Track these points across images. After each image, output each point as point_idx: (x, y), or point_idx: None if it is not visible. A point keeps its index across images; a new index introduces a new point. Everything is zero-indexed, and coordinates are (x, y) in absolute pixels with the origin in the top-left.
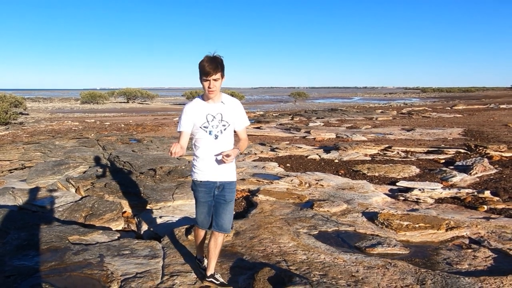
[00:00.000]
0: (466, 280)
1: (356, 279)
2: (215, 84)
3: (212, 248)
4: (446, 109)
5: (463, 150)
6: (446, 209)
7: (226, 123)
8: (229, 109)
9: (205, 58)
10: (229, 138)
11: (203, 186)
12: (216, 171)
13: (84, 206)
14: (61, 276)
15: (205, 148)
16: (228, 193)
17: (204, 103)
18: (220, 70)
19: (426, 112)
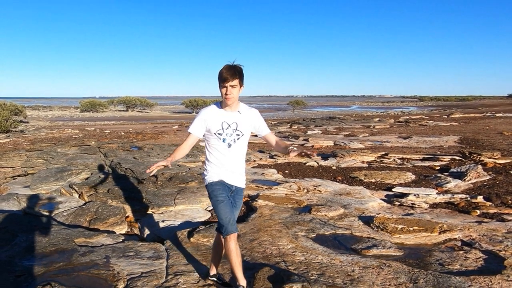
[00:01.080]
0: (457, 279)
1: (351, 278)
2: (232, 91)
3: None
4: (443, 117)
5: (458, 157)
6: (440, 214)
7: (240, 133)
8: (245, 119)
9: (224, 66)
10: (242, 148)
11: (219, 184)
12: (231, 177)
13: (88, 210)
14: (69, 275)
15: (217, 155)
16: (238, 199)
17: (221, 110)
18: (238, 77)
19: (423, 121)
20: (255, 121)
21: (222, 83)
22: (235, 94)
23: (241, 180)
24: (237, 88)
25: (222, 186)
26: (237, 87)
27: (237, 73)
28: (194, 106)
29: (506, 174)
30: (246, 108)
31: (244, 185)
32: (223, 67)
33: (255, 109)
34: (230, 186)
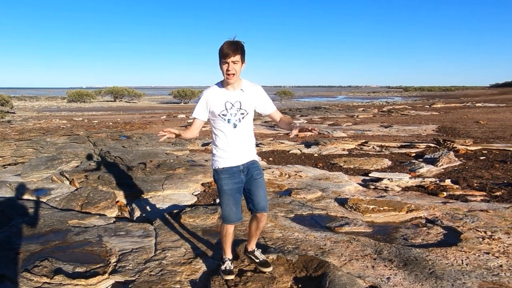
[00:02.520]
0: (417, 251)
1: (323, 250)
2: (234, 67)
3: (254, 229)
4: (425, 107)
5: (433, 145)
6: (410, 196)
7: (244, 111)
8: (248, 96)
9: (225, 42)
10: (248, 127)
11: (225, 173)
12: (237, 156)
13: (80, 195)
14: (65, 252)
15: (224, 137)
16: (255, 170)
17: (223, 90)
18: (239, 52)
19: (405, 110)
20: (259, 98)
21: (223, 59)
22: (237, 70)
23: (251, 155)
24: (238, 64)
25: (228, 174)
26: (239, 63)
27: (239, 48)
28: (182, 96)
29: (475, 159)
30: (249, 84)
31: (255, 157)
32: (223, 43)
33: (258, 86)
34: (238, 167)
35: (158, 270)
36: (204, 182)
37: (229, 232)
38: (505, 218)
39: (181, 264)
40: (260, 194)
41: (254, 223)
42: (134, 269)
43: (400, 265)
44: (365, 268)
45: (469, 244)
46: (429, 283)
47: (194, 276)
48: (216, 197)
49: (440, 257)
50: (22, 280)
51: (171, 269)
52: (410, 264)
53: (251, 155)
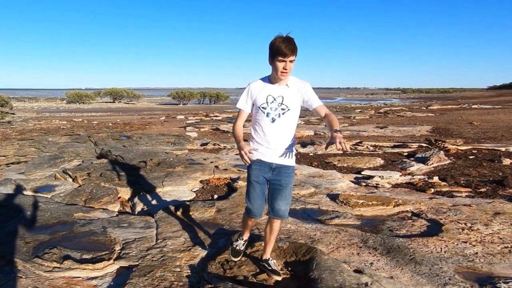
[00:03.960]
0: (400, 240)
1: (313, 239)
2: (291, 66)
3: (268, 233)
4: (422, 109)
5: (425, 144)
6: (399, 192)
7: (286, 107)
8: (292, 92)
9: (279, 39)
10: (288, 124)
11: (257, 164)
12: (272, 154)
13: (83, 191)
14: (72, 241)
15: (261, 130)
16: (284, 177)
17: (268, 83)
18: (296, 52)
19: (401, 112)
20: (304, 94)
21: (281, 57)
22: (291, 69)
23: (286, 158)
24: (293, 63)
25: (258, 166)
26: (293, 62)
27: (295, 48)
28: (181, 97)
29: (465, 159)
30: (296, 80)
31: (292, 163)
32: (277, 39)
33: (306, 82)
34: (269, 164)
35: (160, 256)
36: (203, 179)
37: (249, 224)
38: (486, 212)
39: (181, 251)
40: (281, 204)
41: (268, 226)
42: (137, 256)
43: (383, 252)
44: (350, 255)
45: (449, 235)
46: (409, 267)
47: (193, 261)
48: (214, 193)
49: (421, 245)
50: (34, 265)
51: (171, 255)
52: (393, 252)
53: (287, 158)
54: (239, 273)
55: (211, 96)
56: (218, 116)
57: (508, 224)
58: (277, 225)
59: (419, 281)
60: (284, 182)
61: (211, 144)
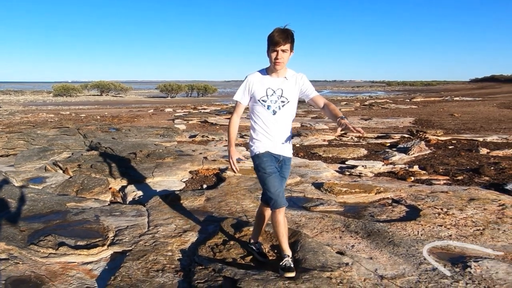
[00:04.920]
0: (380, 224)
1: (298, 224)
2: (283, 56)
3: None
4: (405, 101)
5: (407, 135)
6: (381, 180)
7: (285, 99)
8: (291, 84)
9: (275, 29)
10: (289, 116)
11: (267, 156)
12: (277, 146)
13: (75, 182)
14: (66, 229)
15: (263, 123)
16: (286, 169)
17: (266, 76)
18: (289, 41)
19: (386, 104)
20: (302, 85)
21: (272, 47)
22: (285, 59)
23: (288, 149)
24: (287, 53)
25: (269, 158)
26: (287, 52)
27: (289, 37)
28: (168, 90)
29: (444, 149)
30: (293, 73)
31: (291, 155)
32: (274, 30)
33: (302, 74)
34: (277, 156)
35: (152, 242)
36: (192, 170)
37: (280, 221)
38: (462, 198)
39: (172, 237)
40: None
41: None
42: (130, 241)
43: (364, 236)
44: (333, 238)
45: (426, 219)
46: (387, 249)
47: (184, 246)
48: (203, 183)
49: (400, 229)
50: (30, 251)
51: (163, 241)
52: (373, 235)
53: (289, 149)
54: (228, 255)
55: (199, 89)
56: (206, 108)
57: (481, 209)
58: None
59: (396, 261)
60: (286, 174)
61: (200, 136)
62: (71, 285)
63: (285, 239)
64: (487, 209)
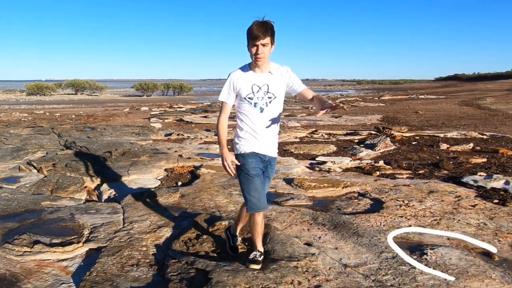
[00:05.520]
0: (346, 217)
1: (269, 218)
2: (264, 50)
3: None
4: (374, 99)
5: (374, 132)
6: (349, 175)
7: (272, 95)
8: (276, 79)
9: (254, 22)
10: (275, 112)
11: (252, 157)
12: (263, 145)
13: (49, 181)
14: (41, 228)
15: (250, 121)
16: (271, 170)
17: (250, 72)
18: (269, 34)
19: (356, 102)
20: (288, 79)
21: (252, 42)
22: (266, 53)
23: (274, 149)
24: (268, 47)
25: (255, 159)
26: (268, 45)
27: (269, 30)
28: (144, 89)
29: (408, 144)
30: (277, 67)
31: (276, 155)
32: (252, 23)
33: (286, 67)
34: (263, 156)
35: (127, 238)
36: (167, 167)
37: (257, 222)
38: (422, 191)
39: (147, 232)
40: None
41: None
42: (105, 238)
43: (331, 228)
44: (302, 231)
45: (388, 211)
46: (352, 239)
47: (158, 241)
48: (178, 180)
49: (364, 221)
50: (4, 250)
51: (138, 236)
52: (339, 227)
53: (274, 149)
54: (201, 249)
55: (174, 88)
56: (182, 107)
57: (439, 200)
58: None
59: (359, 250)
60: (271, 174)
61: (175, 134)
62: (46, 281)
63: (260, 237)
64: (444, 201)
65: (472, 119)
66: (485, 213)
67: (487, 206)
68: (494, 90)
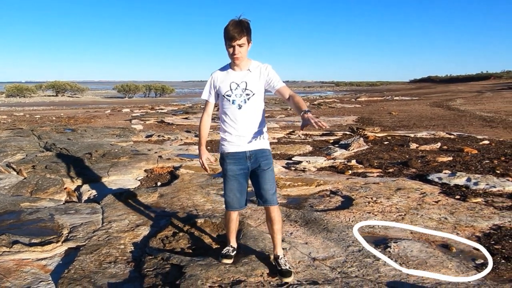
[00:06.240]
0: (317, 213)
1: (244, 216)
2: (240, 50)
3: (269, 226)
4: (351, 100)
5: (348, 132)
6: (323, 174)
7: (250, 92)
8: (255, 77)
9: (230, 22)
10: (255, 108)
11: (231, 158)
12: (244, 141)
13: (29, 183)
14: (20, 228)
15: (229, 119)
16: (263, 160)
17: (229, 71)
18: (245, 34)
19: (333, 103)
20: (266, 76)
21: (228, 42)
22: (243, 53)
23: (260, 141)
24: (245, 47)
25: (233, 160)
26: (245, 45)
27: (244, 30)
28: (126, 91)
29: (380, 144)
30: (257, 65)
31: (266, 146)
32: (228, 23)
33: (267, 64)
34: (244, 152)
35: (105, 236)
36: (147, 168)
37: (232, 219)
38: (390, 188)
39: (125, 231)
40: (267, 188)
41: (267, 217)
42: (84, 237)
43: (302, 224)
44: None
45: (357, 207)
46: (322, 234)
47: (136, 239)
48: (157, 181)
49: (334, 217)
50: None
51: (116, 235)
52: (310, 223)
53: (260, 141)
54: (177, 246)
55: (156, 89)
56: (164, 109)
57: (405, 197)
58: (274, 213)
59: (328, 245)
60: (264, 164)
61: (156, 136)
62: (25, 280)
63: (233, 234)
64: (410, 197)
65: (441, 120)
66: (447, 208)
67: (449, 202)
68: (465, 91)
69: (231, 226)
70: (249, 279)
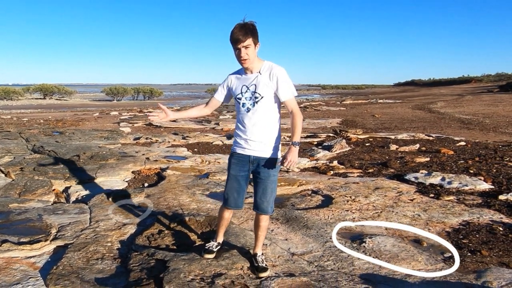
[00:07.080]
0: (298, 212)
1: None
2: (247, 52)
3: (255, 228)
4: (336, 103)
5: (332, 134)
6: (305, 175)
7: (258, 96)
8: (264, 80)
9: (235, 26)
10: (263, 112)
11: (236, 159)
12: (250, 145)
13: (17, 185)
14: (9, 228)
15: (239, 121)
16: (263, 170)
17: (243, 74)
18: (250, 35)
19: (319, 106)
20: (274, 83)
21: (234, 45)
22: (250, 55)
23: (265, 149)
24: (251, 48)
25: (237, 160)
26: (251, 46)
27: (249, 32)
28: (114, 94)
29: (362, 145)
30: (268, 66)
31: (272, 155)
32: (234, 27)
33: (280, 68)
34: (248, 157)
35: (93, 235)
36: (134, 170)
37: (224, 217)
38: (369, 187)
39: (112, 230)
40: (263, 197)
41: (256, 221)
42: (72, 236)
43: (283, 221)
44: None
45: (336, 205)
46: (301, 231)
47: (123, 237)
48: (144, 182)
49: (314, 215)
50: None
51: (104, 233)
52: (291, 221)
53: (267, 149)
54: (162, 242)
55: (145, 92)
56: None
57: (383, 196)
58: (262, 222)
59: (307, 241)
60: (263, 175)
61: (144, 138)
62: (14, 276)
63: (223, 230)
64: (387, 196)
65: (422, 122)
66: (421, 206)
67: (423, 200)
68: (446, 94)
69: (222, 223)
70: (230, 272)
